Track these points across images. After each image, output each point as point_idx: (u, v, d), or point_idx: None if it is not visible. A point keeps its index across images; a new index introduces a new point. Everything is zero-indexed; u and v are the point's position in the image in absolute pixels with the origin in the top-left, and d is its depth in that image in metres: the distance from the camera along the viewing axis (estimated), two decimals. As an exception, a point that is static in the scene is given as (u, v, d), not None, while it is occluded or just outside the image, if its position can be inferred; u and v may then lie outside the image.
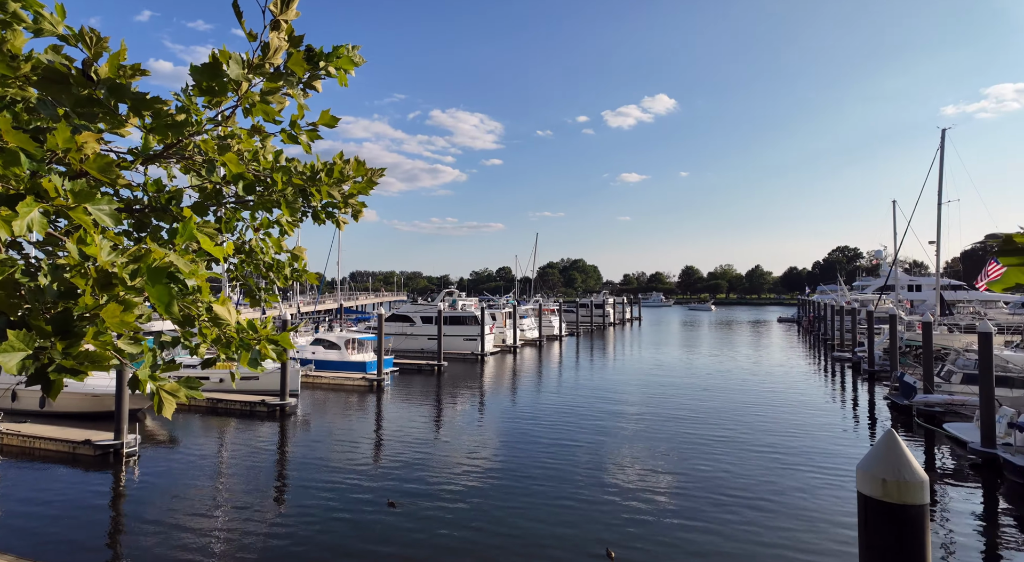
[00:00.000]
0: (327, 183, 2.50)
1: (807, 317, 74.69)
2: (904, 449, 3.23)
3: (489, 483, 15.34)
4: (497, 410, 25.22)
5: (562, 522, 12.79)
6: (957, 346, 30.55)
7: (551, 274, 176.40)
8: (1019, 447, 16.36)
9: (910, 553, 2.93)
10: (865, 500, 3.20)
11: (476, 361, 42.05)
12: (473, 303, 52.68)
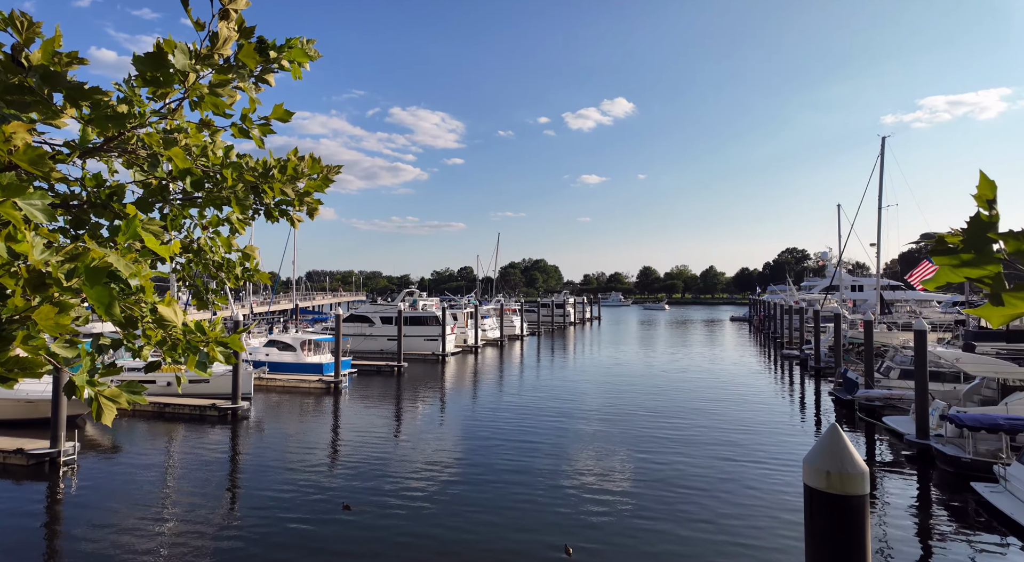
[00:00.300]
0: (280, 180, 2.43)
1: (758, 316, 77.44)
2: (847, 443, 3.41)
3: (448, 484, 15.25)
4: (458, 411, 25.11)
5: (521, 520, 12.84)
6: (895, 343, 32.27)
7: (513, 274, 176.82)
8: (950, 438, 17.41)
9: (851, 541, 3.09)
10: (811, 492, 3.35)
11: (437, 361, 41.73)
12: (434, 303, 52.27)
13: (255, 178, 2.48)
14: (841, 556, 3.12)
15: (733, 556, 11.26)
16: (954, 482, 15.62)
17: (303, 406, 26.22)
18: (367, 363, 37.61)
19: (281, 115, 2.19)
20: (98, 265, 1.41)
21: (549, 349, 51.45)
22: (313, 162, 2.39)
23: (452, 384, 32.57)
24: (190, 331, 2.02)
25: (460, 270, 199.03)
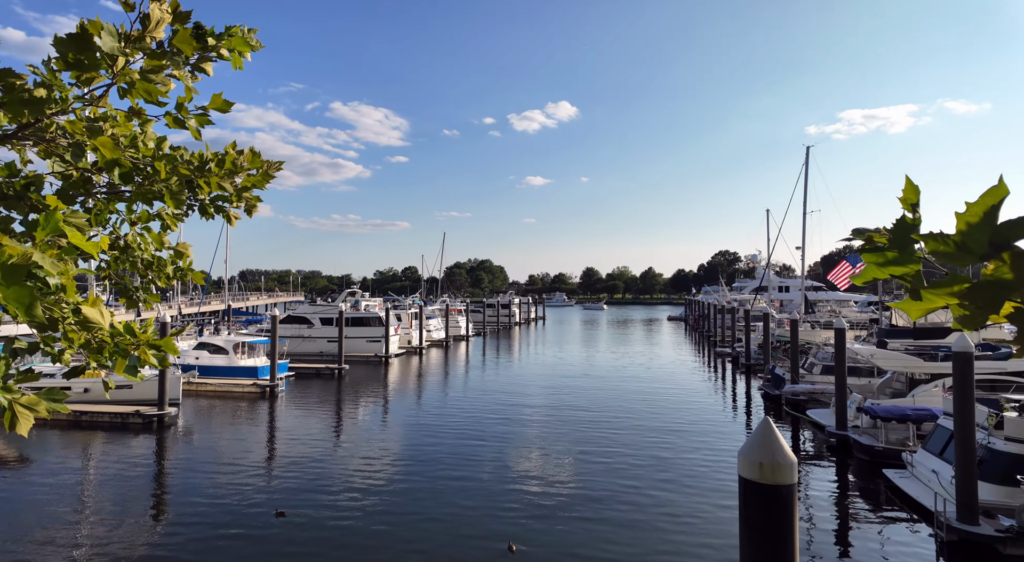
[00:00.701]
0: (218, 174, 2.31)
1: (693, 316, 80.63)
2: (777, 435, 3.61)
3: (390, 487, 14.99)
4: (401, 413, 24.72)
5: (464, 521, 12.79)
6: (818, 341, 34.44)
7: (458, 274, 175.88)
8: (865, 429, 18.74)
9: (781, 528, 3.28)
10: (745, 483, 3.54)
11: (380, 363, 40.92)
12: (377, 303, 51.23)
13: (190, 172, 2.35)
14: (772, 542, 3.32)
15: (672, 547, 11.66)
16: (869, 469, 16.83)
17: (236, 411, 25.05)
18: (305, 366, 36.38)
19: (220, 105, 2.09)
20: (17, 262, 1.30)
21: (495, 349, 51.54)
22: (253, 156, 2.29)
23: (395, 386, 32.03)
24: (118, 333, 1.89)
25: (404, 270, 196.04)
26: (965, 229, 0.97)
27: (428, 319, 53.43)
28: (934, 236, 0.98)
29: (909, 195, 1.02)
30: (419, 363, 41.65)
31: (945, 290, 1.01)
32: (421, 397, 28.53)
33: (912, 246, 1.02)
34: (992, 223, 0.94)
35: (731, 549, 11.52)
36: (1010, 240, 0.93)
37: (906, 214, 1.01)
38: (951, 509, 11.89)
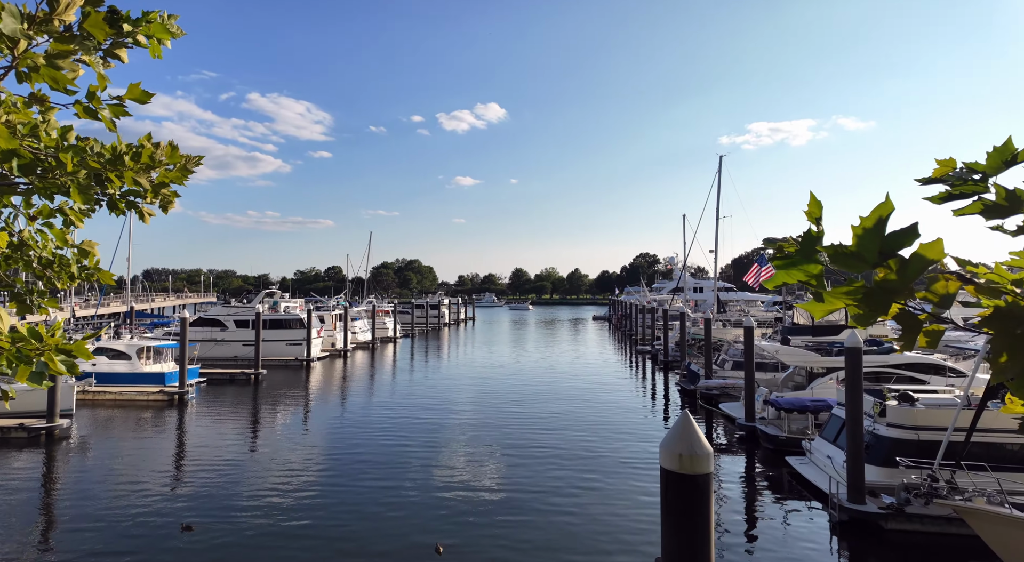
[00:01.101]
0: (134, 168, 2.16)
1: (616, 315, 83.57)
2: (695, 427, 3.87)
3: (311, 495, 14.46)
4: (323, 418, 23.87)
5: (390, 525, 12.57)
6: (729, 338, 36.73)
7: (386, 274, 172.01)
8: (770, 420, 20.21)
9: (699, 514, 3.52)
10: (667, 474, 3.76)
11: (301, 367, 39.28)
12: (298, 305, 49.13)
13: (101, 165, 2.19)
14: (691, 528, 3.55)
15: (597, 539, 12.04)
16: (774, 457, 18.18)
17: (140, 421, 23.18)
18: (219, 371, 34.27)
19: (139, 96, 1.96)
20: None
21: (423, 351, 50.91)
22: (172, 150, 2.16)
23: (317, 390, 30.88)
24: (21, 338, 1.73)
25: (328, 270, 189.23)
26: (858, 240, 1.11)
27: (353, 320, 51.91)
28: (834, 246, 1.11)
29: (813, 210, 1.15)
30: (343, 366, 40.39)
31: (843, 293, 1.15)
32: (345, 401, 27.68)
33: (816, 255, 1.15)
34: (880, 235, 1.09)
35: (653, 534, 12.06)
36: (895, 250, 1.08)
37: (812, 227, 1.14)
38: (843, 491, 13.08)
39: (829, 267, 1.17)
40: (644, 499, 14.22)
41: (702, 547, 3.48)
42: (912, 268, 1.06)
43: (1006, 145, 1.31)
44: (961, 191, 1.35)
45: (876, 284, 1.10)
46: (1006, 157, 1.31)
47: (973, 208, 1.33)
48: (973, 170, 1.34)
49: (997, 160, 1.32)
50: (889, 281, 1.08)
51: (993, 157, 1.32)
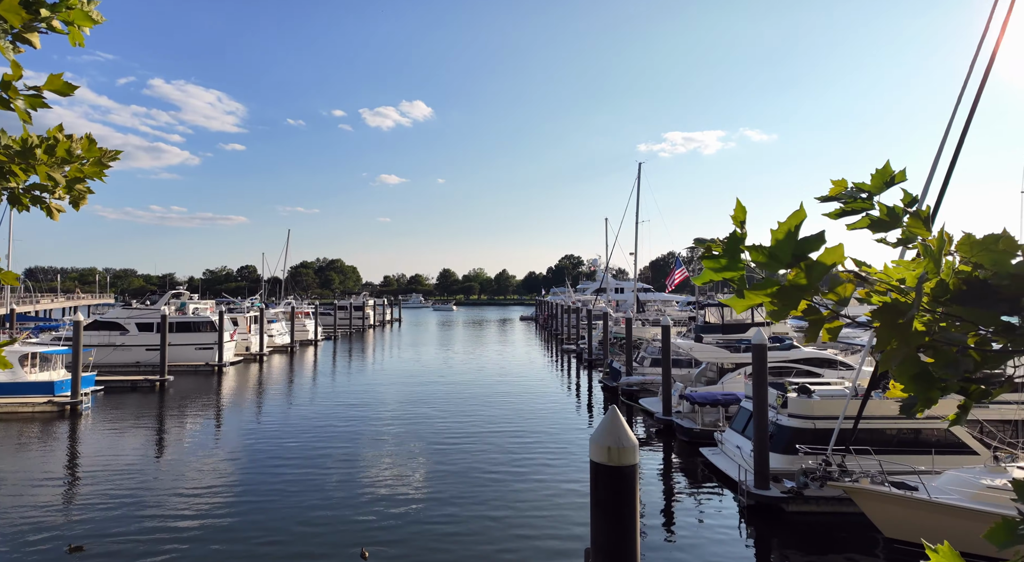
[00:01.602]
0: (47, 163, 1.99)
1: (543, 316, 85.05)
2: (622, 421, 4.07)
3: (222, 508, 13.66)
4: (235, 426, 22.58)
5: (313, 534, 12.13)
6: (647, 337, 38.43)
7: (305, 274, 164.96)
8: (686, 413, 21.38)
9: (625, 504, 3.70)
10: (596, 466, 3.92)
11: (213, 373, 36.91)
12: (209, 306, 46.14)
13: (7, 157, 1.99)
14: (618, 518, 3.73)
15: (525, 537, 12.22)
16: (689, 449, 19.23)
17: (23, 434, 20.89)
18: (119, 379, 31.55)
19: (60, 87, 1.80)
20: None
21: (346, 354, 49.35)
22: (90, 144, 2.01)
23: (230, 397, 29.16)
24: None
25: (241, 269, 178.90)
26: (775, 243, 1.24)
27: (270, 323, 49.45)
28: (755, 248, 1.24)
29: (738, 214, 1.27)
30: (259, 371, 38.40)
31: (761, 291, 1.28)
32: (261, 408, 26.33)
33: (740, 255, 1.27)
34: (794, 239, 1.22)
35: (581, 527, 12.40)
36: (806, 253, 1.22)
37: (736, 229, 1.26)
38: (750, 478, 14.08)
39: (749, 267, 1.30)
40: (571, 492, 14.60)
41: (629, 536, 3.67)
42: (818, 270, 1.21)
43: (885, 168, 1.52)
44: (852, 208, 1.53)
45: (788, 283, 1.24)
46: (886, 179, 1.52)
47: (862, 223, 1.52)
48: (861, 189, 1.53)
49: (879, 181, 1.52)
50: (799, 281, 1.22)
51: (875, 179, 1.52)
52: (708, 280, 1.36)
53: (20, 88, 1.81)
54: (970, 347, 1.17)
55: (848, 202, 1.53)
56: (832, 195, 1.56)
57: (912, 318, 1.06)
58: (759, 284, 1.27)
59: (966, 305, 1.04)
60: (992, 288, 1.02)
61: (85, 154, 1.93)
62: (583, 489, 14.94)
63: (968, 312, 1.05)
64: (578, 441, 20.18)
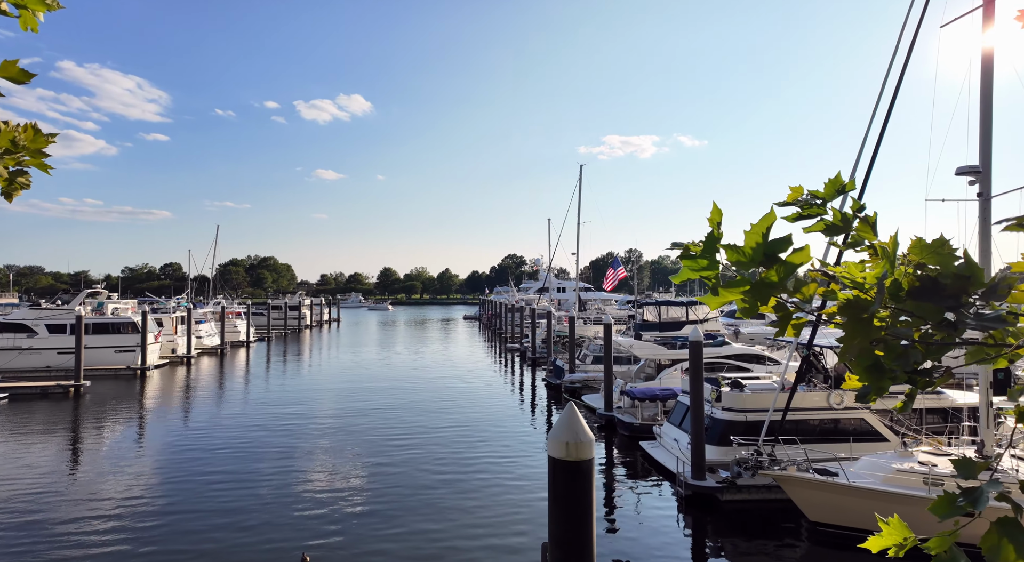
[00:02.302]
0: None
1: (486, 315, 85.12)
2: (580, 417, 4.17)
3: (146, 522, 12.87)
4: (160, 435, 21.29)
5: (248, 543, 11.64)
6: (589, 335, 39.28)
7: (235, 272, 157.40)
8: (626, 409, 22.01)
9: (583, 497, 3.81)
10: (554, 462, 4.00)
11: (135, 377, 34.61)
12: (130, 306, 43.19)
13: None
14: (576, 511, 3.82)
15: (471, 537, 12.21)
16: (629, 443, 19.82)
17: (-89, 451, 18.82)
18: (26, 385, 29.02)
19: (15, 74, 1.65)
20: None
21: (281, 355, 47.52)
22: (35, 134, 1.85)
23: (154, 403, 27.46)
24: None
25: (164, 267, 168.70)
26: (748, 244, 1.33)
27: (198, 323, 46.92)
28: (731, 247, 1.33)
29: (715, 216, 1.35)
30: (187, 375, 36.35)
31: (735, 288, 1.36)
32: (189, 414, 24.95)
33: (715, 254, 1.35)
34: (765, 241, 1.32)
35: (532, 521, 12.52)
36: (776, 252, 1.31)
37: (713, 230, 1.34)
38: (688, 469, 14.69)
39: (724, 266, 1.38)
40: (518, 489, 14.72)
41: (586, 528, 3.77)
42: (787, 269, 1.31)
43: (837, 178, 1.65)
44: (808, 213, 1.66)
45: (760, 281, 1.33)
46: (838, 187, 1.64)
47: (817, 227, 1.64)
48: (815, 196, 1.66)
49: (831, 189, 1.65)
50: (770, 279, 1.31)
51: (828, 187, 1.65)
52: (686, 278, 1.43)
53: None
54: (915, 341, 1.30)
55: (805, 208, 1.65)
56: (790, 201, 1.68)
57: (875, 313, 1.17)
58: (733, 282, 1.36)
59: (919, 300, 1.16)
60: (941, 285, 1.14)
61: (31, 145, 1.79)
62: (530, 485, 15.11)
63: (918, 307, 1.17)
64: (523, 438, 20.38)
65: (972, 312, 1.17)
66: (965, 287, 1.13)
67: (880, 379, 1.32)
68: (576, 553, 3.71)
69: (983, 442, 12.04)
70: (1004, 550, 1.10)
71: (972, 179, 12.12)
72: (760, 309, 1.41)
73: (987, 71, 12.08)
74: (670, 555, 11.76)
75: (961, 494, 1.15)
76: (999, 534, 1.11)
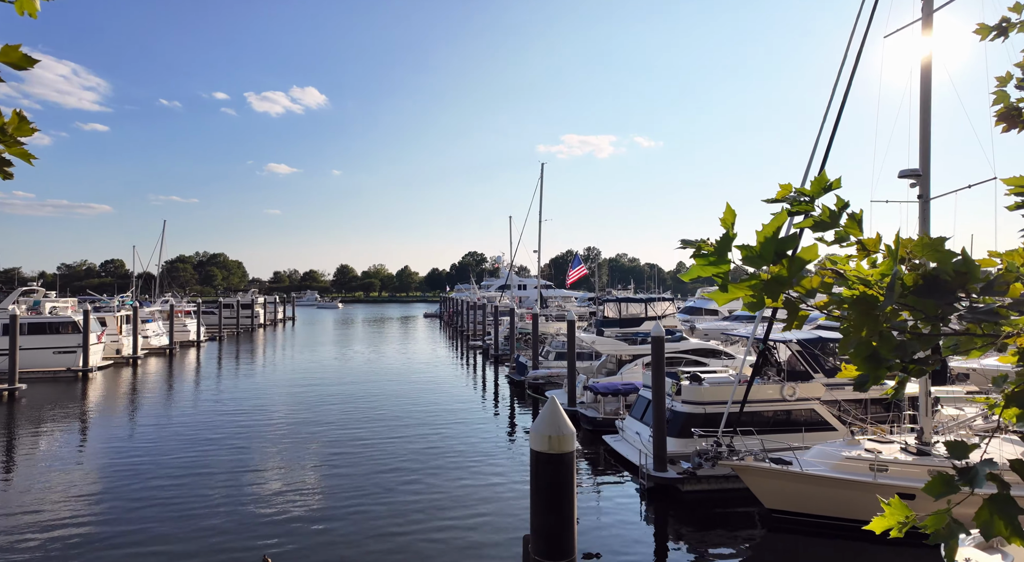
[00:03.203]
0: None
1: (448, 312, 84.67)
2: (561, 411, 4.23)
3: (91, 531, 12.28)
4: (103, 441, 20.26)
5: (200, 547, 11.27)
6: (551, 331, 39.64)
7: (183, 270, 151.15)
8: (589, 403, 22.35)
9: (565, 487, 3.87)
10: (536, 455, 4.05)
11: (76, 379, 32.83)
12: (70, 305, 40.91)
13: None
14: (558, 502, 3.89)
15: (435, 536, 12.17)
16: (593, 437, 20.14)
17: None
18: (-48, 390, 27.09)
19: (17, 60, 1.54)
20: None
21: (234, 355, 45.96)
22: (20, 121, 1.75)
23: (97, 407, 26.14)
24: None
25: (106, 264, 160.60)
26: (760, 242, 1.39)
27: (145, 323, 44.89)
28: (745, 246, 1.39)
29: (728, 218, 1.41)
30: (133, 376, 34.73)
31: (744, 285, 1.43)
32: (134, 418, 23.87)
33: (727, 253, 1.41)
34: (776, 239, 1.38)
35: (500, 519, 12.56)
36: (786, 250, 1.38)
37: (727, 231, 1.39)
38: (650, 461, 15.05)
39: (738, 265, 1.44)
40: (487, 485, 14.74)
41: (568, 519, 3.83)
42: (796, 265, 1.38)
43: (822, 176, 1.74)
44: (796, 210, 1.74)
45: (772, 277, 1.40)
46: (824, 185, 1.73)
47: (806, 223, 1.73)
48: (802, 194, 1.75)
49: (818, 187, 1.73)
50: (781, 276, 1.38)
51: (815, 185, 1.73)
52: (697, 275, 1.49)
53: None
54: (908, 332, 1.40)
55: (794, 205, 1.74)
56: (779, 198, 1.76)
57: (886, 308, 1.25)
58: (745, 279, 1.42)
59: (922, 297, 1.25)
60: (943, 281, 1.23)
61: (17, 133, 1.69)
62: (497, 481, 15.16)
63: (920, 303, 1.26)
64: (487, 435, 20.42)
65: (966, 306, 1.26)
66: (964, 283, 1.22)
67: (877, 369, 1.41)
68: (559, 542, 3.78)
69: (922, 429, 12.81)
70: (996, 525, 1.19)
71: (913, 182, 12.85)
72: (766, 304, 1.48)
73: (926, 79, 12.81)
74: (634, 546, 12.03)
75: (958, 474, 1.24)
76: (990, 510, 1.21)
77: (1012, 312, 1.23)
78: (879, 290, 1.29)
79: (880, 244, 1.56)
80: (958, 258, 1.25)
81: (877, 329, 1.29)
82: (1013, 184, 1.96)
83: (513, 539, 11.50)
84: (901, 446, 12.74)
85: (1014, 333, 1.38)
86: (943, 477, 1.30)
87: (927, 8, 12.62)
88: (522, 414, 24.16)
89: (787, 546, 12.08)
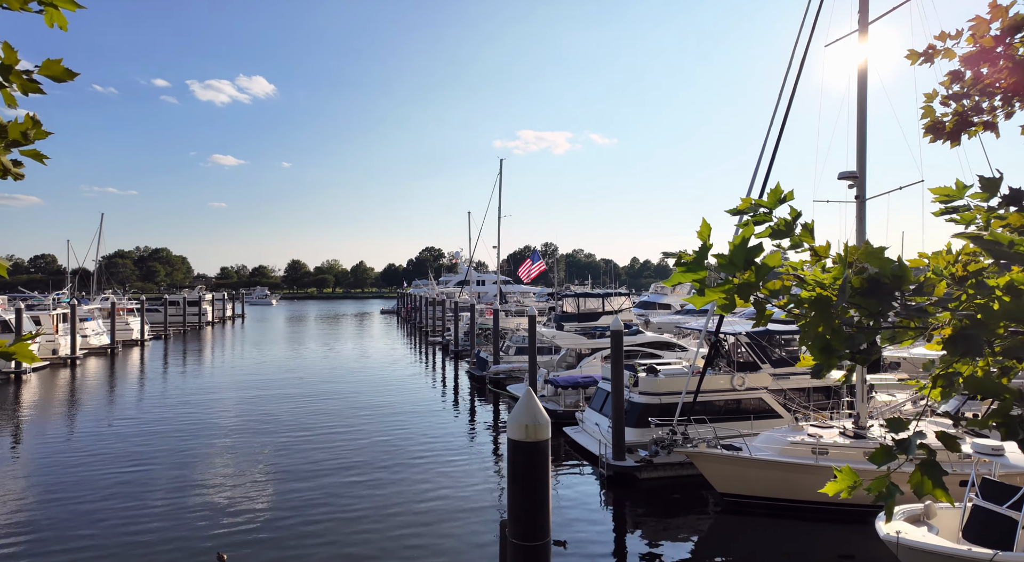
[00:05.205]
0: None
1: (405, 308, 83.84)
2: (537, 401, 4.42)
3: (29, 536, 11.75)
4: (38, 445, 19.24)
5: (147, 550, 10.97)
6: (511, 327, 39.96)
7: (123, 265, 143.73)
8: (550, 396, 22.75)
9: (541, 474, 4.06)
10: (514, 444, 4.22)
11: (7, 381, 30.89)
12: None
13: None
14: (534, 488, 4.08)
15: (395, 534, 12.23)
16: (553, 429, 20.42)
17: None
18: None
19: (59, 73, 1.59)
20: None
21: (180, 354, 44.20)
22: (36, 125, 1.78)
23: (31, 409, 24.73)
24: None
25: (35, 259, 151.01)
26: (732, 251, 1.61)
27: (84, 321, 42.58)
28: (720, 255, 1.60)
29: (704, 231, 1.62)
30: (70, 377, 32.97)
31: (719, 289, 1.64)
32: (72, 421, 22.72)
33: (704, 261, 1.62)
34: (746, 247, 1.60)
35: (467, 511, 12.71)
36: (753, 259, 1.60)
37: (704, 243, 1.60)
38: (609, 451, 15.53)
39: (712, 272, 1.66)
40: (449, 477, 14.85)
41: (543, 504, 4.03)
42: (764, 270, 1.60)
43: (777, 189, 1.98)
44: (756, 220, 1.97)
45: (742, 282, 1.61)
46: (779, 197, 1.97)
47: (766, 232, 1.96)
48: (760, 205, 1.98)
49: (774, 199, 1.97)
50: (750, 280, 1.60)
51: (771, 197, 1.97)
52: (678, 281, 1.69)
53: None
54: (856, 327, 1.64)
55: (755, 216, 1.97)
56: (740, 209, 1.99)
57: (839, 307, 1.48)
58: (719, 285, 1.63)
59: (866, 297, 1.48)
60: (883, 284, 1.47)
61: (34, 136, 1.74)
62: (459, 473, 15.30)
63: (864, 302, 1.50)
64: (449, 429, 20.50)
65: (899, 304, 1.51)
66: (900, 286, 1.46)
67: (830, 358, 1.65)
68: (535, 526, 3.98)
69: (859, 414, 13.74)
70: (925, 484, 1.45)
71: (851, 183, 13.71)
72: (739, 304, 1.70)
73: (862, 87, 13.67)
74: (596, 532, 12.43)
75: (895, 444, 1.49)
76: (921, 473, 1.46)
77: (937, 308, 1.48)
78: (833, 292, 1.52)
79: (830, 250, 1.81)
80: (895, 264, 1.50)
81: (831, 325, 1.53)
82: (938, 193, 2.26)
83: (486, 522, 11.69)
84: (840, 431, 13.62)
85: (939, 325, 1.64)
86: (884, 448, 1.56)
87: (863, 20, 13.45)
88: (483, 409, 24.36)
89: (739, 528, 12.75)
